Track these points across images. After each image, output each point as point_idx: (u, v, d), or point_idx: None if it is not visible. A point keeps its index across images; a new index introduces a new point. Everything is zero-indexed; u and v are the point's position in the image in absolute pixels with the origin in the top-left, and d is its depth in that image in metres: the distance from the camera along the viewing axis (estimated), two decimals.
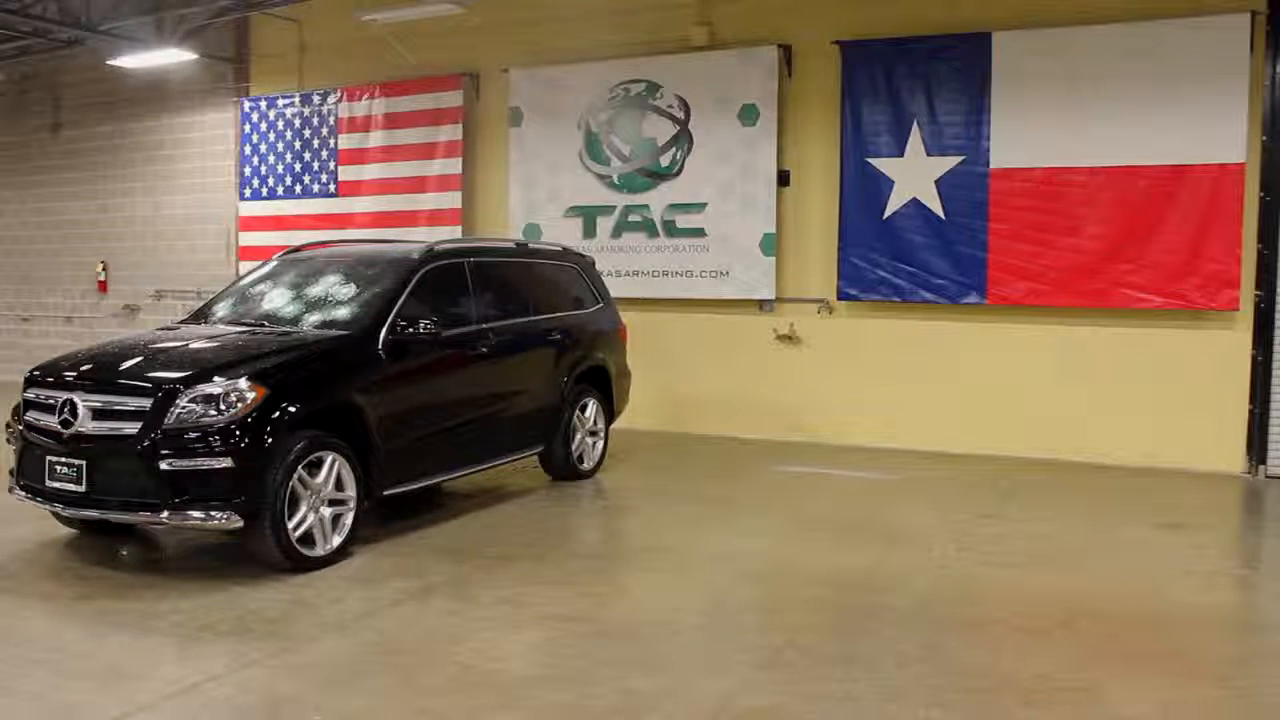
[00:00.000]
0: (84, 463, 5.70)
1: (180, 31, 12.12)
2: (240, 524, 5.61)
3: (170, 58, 12.39)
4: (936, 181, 9.51)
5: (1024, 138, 9.17)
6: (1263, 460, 8.69)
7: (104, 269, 14.64)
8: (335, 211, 12.52)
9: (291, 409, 5.78)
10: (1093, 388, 9.13)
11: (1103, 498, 7.97)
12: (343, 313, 6.74)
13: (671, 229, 10.70)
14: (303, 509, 5.81)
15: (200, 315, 7.29)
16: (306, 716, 4.09)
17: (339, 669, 4.54)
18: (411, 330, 6.56)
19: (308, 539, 5.85)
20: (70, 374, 6.01)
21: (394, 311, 6.60)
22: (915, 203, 9.61)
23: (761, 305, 10.45)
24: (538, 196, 11.38)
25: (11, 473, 6.20)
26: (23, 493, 6.08)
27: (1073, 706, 4.19)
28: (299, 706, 4.18)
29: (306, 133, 12.76)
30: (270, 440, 5.65)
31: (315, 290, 7.12)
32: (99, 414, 5.74)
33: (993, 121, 9.26)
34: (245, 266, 12.31)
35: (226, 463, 5.53)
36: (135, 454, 5.57)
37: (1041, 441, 9.27)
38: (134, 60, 12.59)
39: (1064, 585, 5.79)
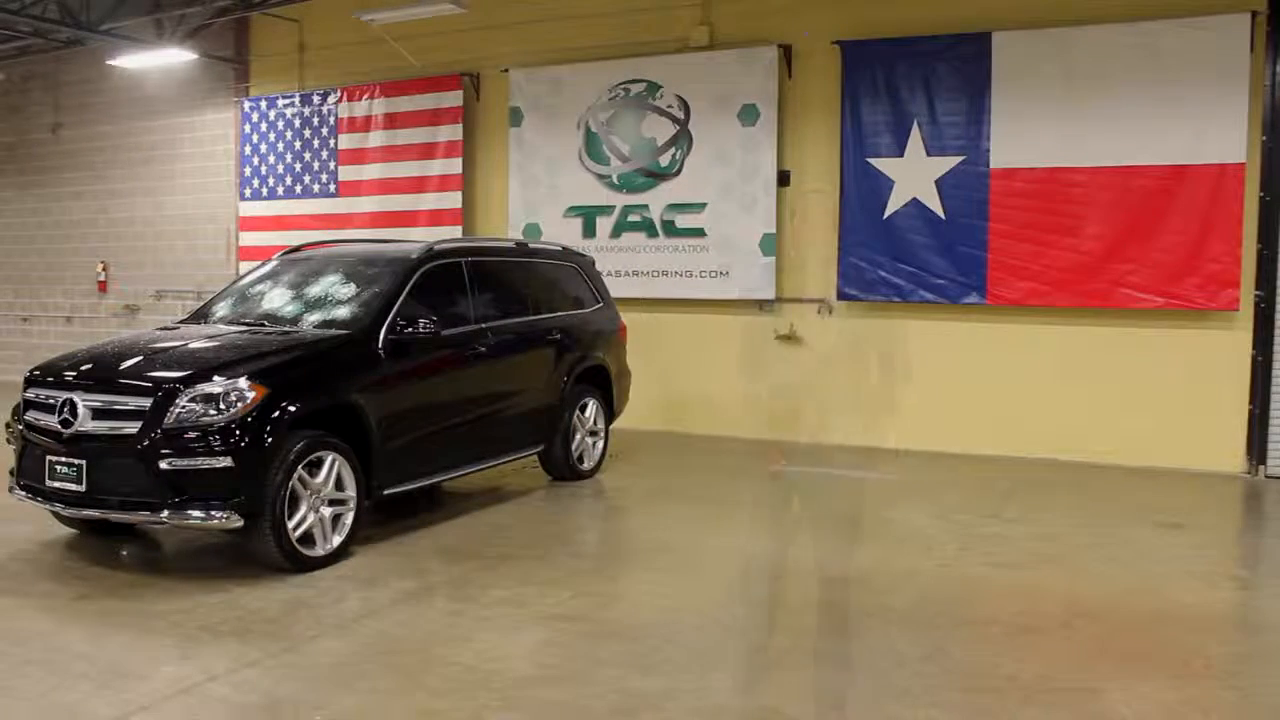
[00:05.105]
0: (84, 462, 5.70)
1: (180, 31, 12.13)
2: (240, 524, 5.61)
3: (170, 58, 12.41)
4: (937, 181, 9.50)
5: (1024, 138, 9.16)
6: (1263, 460, 8.68)
7: (104, 269, 14.64)
8: (335, 211, 12.52)
9: (291, 408, 5.78)
10: (1093, 388, 9.13)
11: (1103, 498, 7.97)
12: (342, 312, 6.73)
13: (671, 229, 10.70)
14: (303, 509, 5.81)
15: (200, 315, 7.28)
16: (306, 716, 4.09)
17: (339, 669, 4.53)
18: (411, 330, 6.56)
19: (308, 539, 5.85)
20: (70, 374, 6.01)
21: (393, 311, 6.60)
22: (915, 203, 9.61)
23: (761, 305, 10.45)
24: (537, 196, 11.38)
25: (11, 472, 6.20)
26: (23, 492, 6.08)
27: (1073, 706, 4.19)
28: (299, 706, 4.18)
29: (306, 133, 12.76)
30: (270, 440, 5.65)
31: (315, 290, 7.12)
32: (99, 413, 5.74)
33: (993, 121, 9.26)
34: (245, 266, 12.31)
35: (226, 462, 5.53)
36: (135, 453, 5.57)
37: (1041, 441, 9.27)
38: (134, 60, 12.60)
39: (1064, 585, 5.79)
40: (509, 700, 4.22)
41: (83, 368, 6.08)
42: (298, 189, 12.87)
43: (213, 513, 5.56)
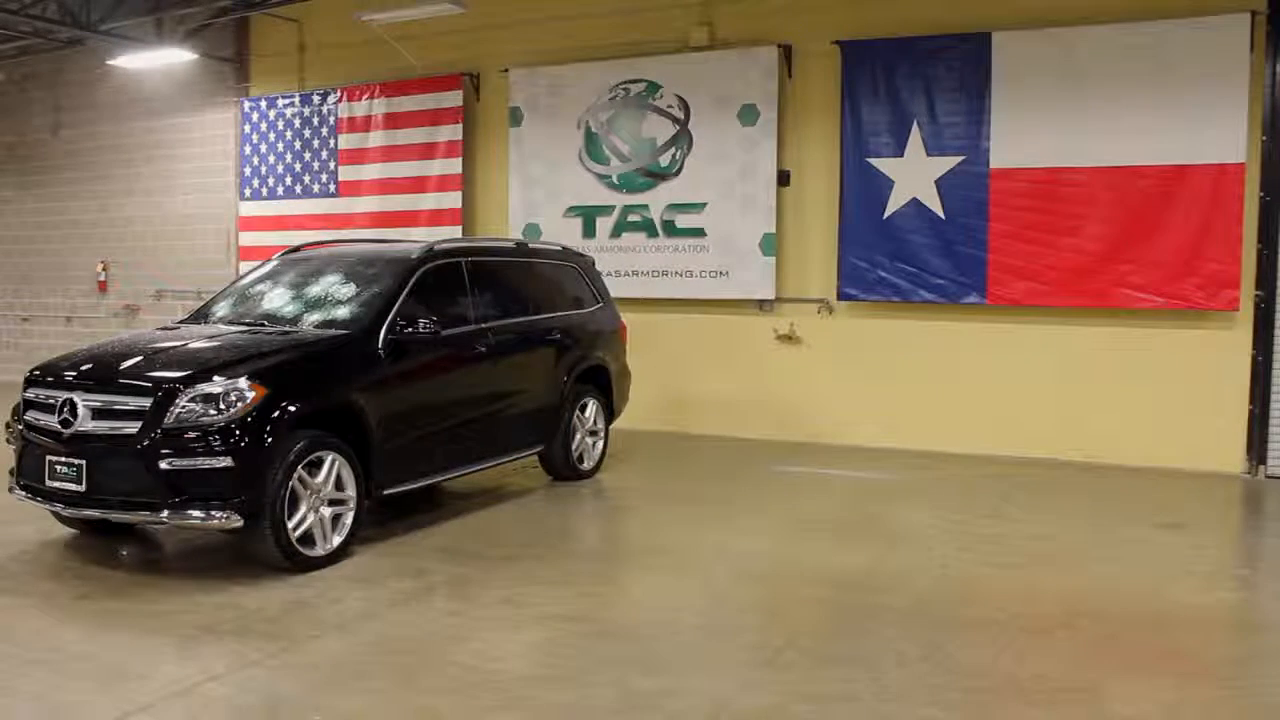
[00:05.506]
0: (84, 462, 5.69)
1: (180, 31, 12.14)
2: (240, 524, 5.61)
3: (170, 58, 12.42)
4: (936, 181, 9.50)
5: (1024, 138, 9.16)
6: (1263, 460, 8.68)
7: (104, 269, 14.64)
8: (335, 211, 12.52)
9: (291, 408, 5.78)
10: (1093, 388, 9.13)
11: (1103, 498, 7.97)
12: (342, 312, 6.73)
13: (671, 229, 10.70)
14: (303, 509, 5.81)
15: (200, 315, 7.28)
16: (306, 716, 4.09)
17: (339, 669, 4.54)
18: (411, 330, 6.56)
19: (308, 539, 5.85)
20: (70, 374, 6.01)
21: (393, 311, 6.60)
22: (915, 203, 9.61)
23: (761, 305, 10.45)
24: (537, 196, 11.38)
25: (11, 472, 6.20)
26: (23, 492, 6.08)
27: (1073, 706, 4.19)
28: (299, 706, 4.18)
29: (306, 133, 12.76)
30: (270, 440, 5.64)
31: (315, 290, 7.12)
32: (99, 413, 5.74)
33: (993, 121, 9.26)
34: (245, 266, 12.31)
35: (226, 462, 5.53)
36: (135, 453, 5.57)
37: (1041, 441, 9.27)
38: (134, 60, 12.60)
39: (1064, 585, 5.79)
40: (509, 700, 4.22)
41: (83, 368, 6.08)
42: (298, 189, 12.87)
43: (213, 513, 5.56)
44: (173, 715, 4.09)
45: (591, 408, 8.51)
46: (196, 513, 5.57)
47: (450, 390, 7.01)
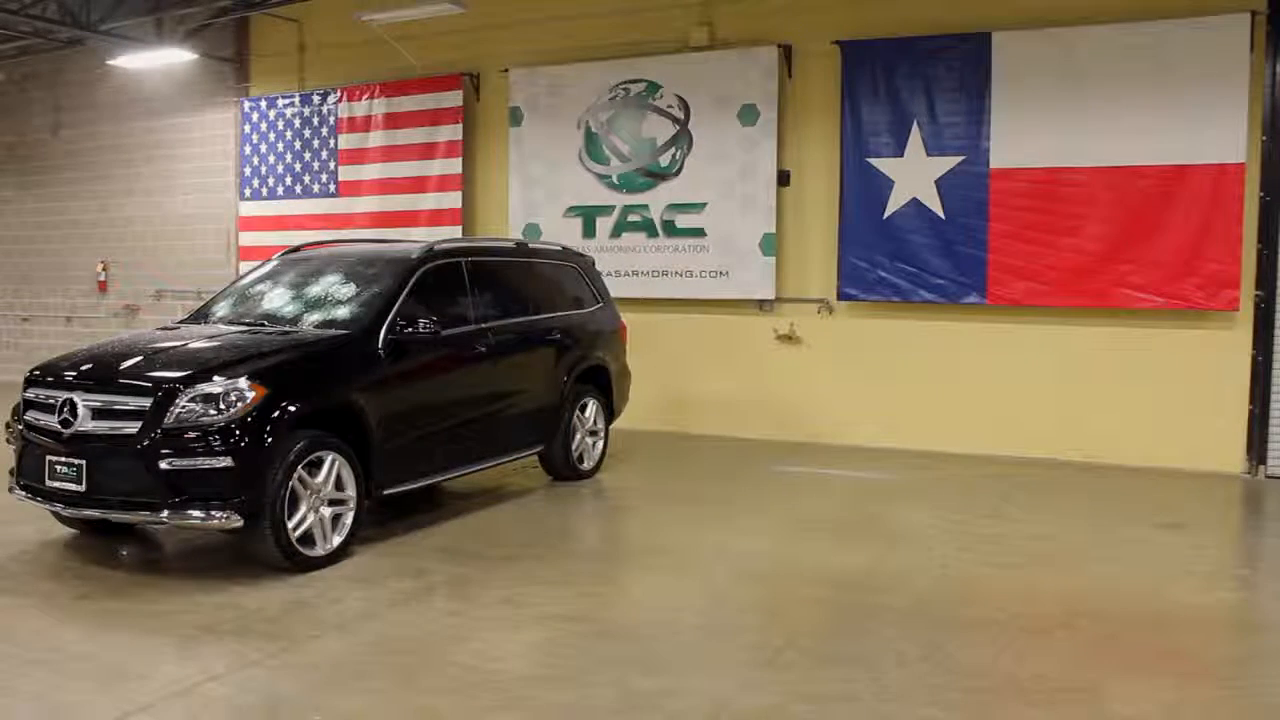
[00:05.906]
0: (84, 462, 5.70)
1: (180, 31, 12.15)
2: (240, 523, 5.61)
3: (170, 58, 12.42)
4: (936, 181, 9.50)
5: (1024, 138, 9.16)
6: (1263, 460, 8.68)
7: (104, 269, 14.64)
8: (335, 211, 12.53)
9: (291, 408, 5.78)
10: (1093, 388, 9.13)
11: (1103, 498, 7.97)
12: (342, 312, 6.73)
13: (671, 229, 10.70)
14: (303, 509, 5.81)
15: (200, 315, 7.28)
16: (306, 716, 4.10)
17: (339, 669, 4.54)
18: (411, 330, 6.56)
19: (308, 539, 5.85)
20: (70, 374, 6.01)
21: (393, 311, 6.60)
22: (915, 203, 9.61)
23: (761, 305, 10.45)
24: (537, 196, 11.38)
25: (11, 472, 6.20)
26: (23, 492, 6.08)
27: (1073, 706, 4.19)
28: (299, 706, 4.18)
29: (306, 133, 12.76)
30: (270, 440, 5.65)
31: (315, 290, 7.11)
32: (99, 413, 5.74)
33: (993, 121, 9.26)
34: (245, 266, 12.31)
35: (226, 462, 5.53)
36: (135, 453, 5.57)
37: (1041, 441, 9.27)
38: (134, 60, 12.61)
39: (1064, 585, 5.79)
40: (509, 700, 4.22)
41: (83, 368, 6.08)
42: (298, 189, 12.87)
43: (213, 513, 5.56)
44: (173, 715, 4.09)
45: (591, 408, 8.51)
46: (196, 513, 5.57)
47: (450, 390, 7.01)
